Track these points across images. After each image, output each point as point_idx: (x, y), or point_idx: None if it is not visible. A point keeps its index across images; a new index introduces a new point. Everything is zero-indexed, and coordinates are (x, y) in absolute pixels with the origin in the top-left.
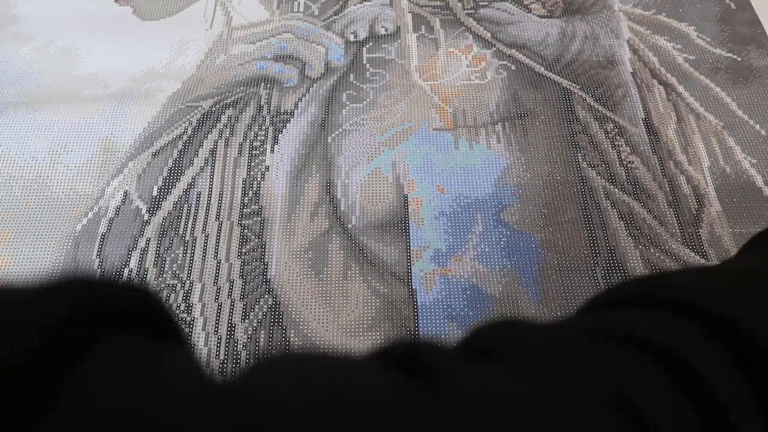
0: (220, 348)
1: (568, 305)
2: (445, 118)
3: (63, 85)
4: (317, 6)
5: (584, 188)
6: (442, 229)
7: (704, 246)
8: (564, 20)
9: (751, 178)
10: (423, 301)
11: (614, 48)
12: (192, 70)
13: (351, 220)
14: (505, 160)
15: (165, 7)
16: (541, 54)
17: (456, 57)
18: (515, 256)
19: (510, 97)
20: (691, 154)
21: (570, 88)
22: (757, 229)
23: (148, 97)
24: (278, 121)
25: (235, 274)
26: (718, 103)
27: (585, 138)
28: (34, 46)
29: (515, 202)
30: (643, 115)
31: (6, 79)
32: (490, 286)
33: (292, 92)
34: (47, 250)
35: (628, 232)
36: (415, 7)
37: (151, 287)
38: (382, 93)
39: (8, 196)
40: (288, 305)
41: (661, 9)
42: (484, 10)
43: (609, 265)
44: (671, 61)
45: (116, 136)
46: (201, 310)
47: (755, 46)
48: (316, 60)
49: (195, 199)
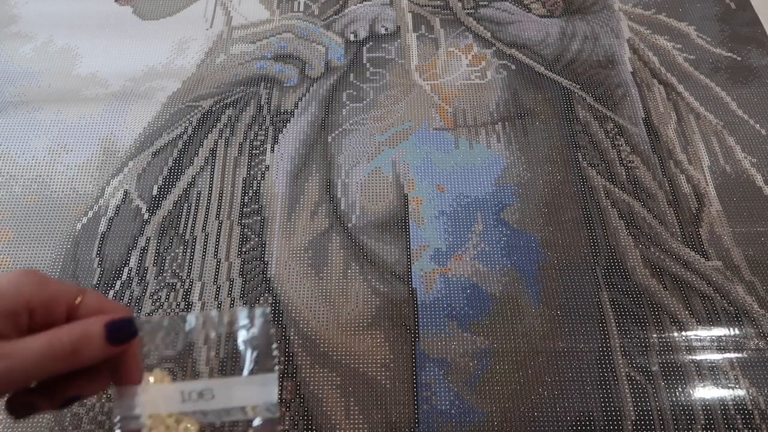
0: (219, 346)
1: (569, 304)
2: (445, 117)
3: (63, 85)
4: (317, 5)
5: (584, 187)
6: (442, 229)
7: (704, 245)
8: (564, 20)
9: (751, 178)
10: (423, 300)
11: (614, 47)
12: (192, 70)
13: (351, 219)
14: (505, 160)
15: (165, 7)
16: (541, 53)
17: (456, 56)
18: (515, 255)
19: (510, 96)
20: (691, 153)
21: (570, 88)
22: (757, 228)
23: (148, 96)
24: (278, 121)
25: (235, 272)
26: (718, 102)
27: (585, 137)
28: (34, 46)
29: (515, 202)
30: (643, 114)
31: (6, 79)
32: (490, 286)
33: (292, 92)
34: (47, 249)
35: (628, 232)
36: (415, 7)
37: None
38: (382, 92)
39: (8, 196)
40: (288, 304)
41: (661, 8)
42: (484, 9)
43: (609, 264)
44: (671, 61)
45: (116, 136)
46: (201, 308)
47: (755, 46)
48: (316, 59)
49: (195, 198)
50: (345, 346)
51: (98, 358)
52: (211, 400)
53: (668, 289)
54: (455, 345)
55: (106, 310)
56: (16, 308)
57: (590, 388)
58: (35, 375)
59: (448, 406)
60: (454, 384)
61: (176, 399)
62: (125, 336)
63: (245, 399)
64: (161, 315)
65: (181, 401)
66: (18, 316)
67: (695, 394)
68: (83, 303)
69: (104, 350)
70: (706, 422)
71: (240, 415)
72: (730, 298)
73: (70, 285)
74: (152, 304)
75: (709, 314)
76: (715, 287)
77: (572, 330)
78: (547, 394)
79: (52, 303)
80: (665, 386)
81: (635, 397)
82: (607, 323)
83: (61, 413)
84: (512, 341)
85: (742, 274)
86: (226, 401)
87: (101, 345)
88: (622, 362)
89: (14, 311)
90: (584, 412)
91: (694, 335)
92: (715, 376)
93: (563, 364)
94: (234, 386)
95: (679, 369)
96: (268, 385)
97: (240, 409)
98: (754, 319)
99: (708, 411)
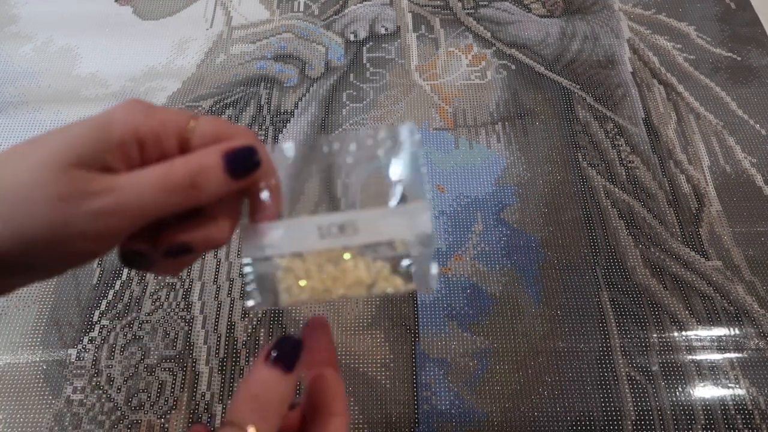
0: (219, 346)
1: (569, 304)
2: (445, 117)
3: (63, 85)
4: (317, 5)
5: (584, 187)
6: (443, 228)
7: (704, 245)
8: (564, 20)
9: (751, 178)
10: (423, 300)
11: (614, 47)
12: (192, 70)
13: None
14: (505, 160)
15: (165, 7)
16: (541, 53)
17: (456, 56)
18: (515, 255)
19: (510, 96)
20: (691, 153)
21: (570, 88)
22: (757, 228)
23: (148, 96)
24: (278, 121)
25: (235, 272)
26: (718, 102)
27: (585, 137)
28: (34, 46)
29: (515, 202)
30: (643, 114)
31: (6, 79)
32: (491, 285)
33: (292, 92)
34: None
35: (628, 232)
36: (415, 7)
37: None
38: (382, 93)
39: None
40: None
41: (661, 8)
42: (484, 9)
43: (609, 264)
44: (671, 61)
45: None
46: (201, 308)
47: (755, 46)
48: (316, 60)
49: None
50: (345, 345)
51: (219, 192)
52: (353, 236)
53: (668, 289)
54: (455, 345)
55: (223, 137)
56: (123, 138)
57: (590, 388)
58: (150, 210)
59: (448, 406)
60: (454, 384)
61: (313, 234)
62: (247, 167)
63: (394, 231)
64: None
65: (320, 237)
66: (127, 147)
67: (695, 393)
68: (198, 130)
69: (224, 183)
70: (706, 422)
71: (388, 252)
72: (730, 298)
73: (181, 111)
74: (152, 304)
75: (709, 314)
76: (715, 287)
77: (572, 330)
78: (547, 394)
79: (161, 131)
80: (665, 386)
81: (635, 397)
82: (607, 323)
83: (61, 414)
84: (512, 341)
85: (742, 274)
86: (371, 235)
87: (220, 177)
88: (622, 362)
89: (122, 141)
90: (584, 412)
91: (694, 335)
92: (715, 375)
93: (563, 364)
94: (380, 218)
95: (679, 369)
96: (419, 214)
97: (388, 245)
98: (754, 319)
99: (708, 411)
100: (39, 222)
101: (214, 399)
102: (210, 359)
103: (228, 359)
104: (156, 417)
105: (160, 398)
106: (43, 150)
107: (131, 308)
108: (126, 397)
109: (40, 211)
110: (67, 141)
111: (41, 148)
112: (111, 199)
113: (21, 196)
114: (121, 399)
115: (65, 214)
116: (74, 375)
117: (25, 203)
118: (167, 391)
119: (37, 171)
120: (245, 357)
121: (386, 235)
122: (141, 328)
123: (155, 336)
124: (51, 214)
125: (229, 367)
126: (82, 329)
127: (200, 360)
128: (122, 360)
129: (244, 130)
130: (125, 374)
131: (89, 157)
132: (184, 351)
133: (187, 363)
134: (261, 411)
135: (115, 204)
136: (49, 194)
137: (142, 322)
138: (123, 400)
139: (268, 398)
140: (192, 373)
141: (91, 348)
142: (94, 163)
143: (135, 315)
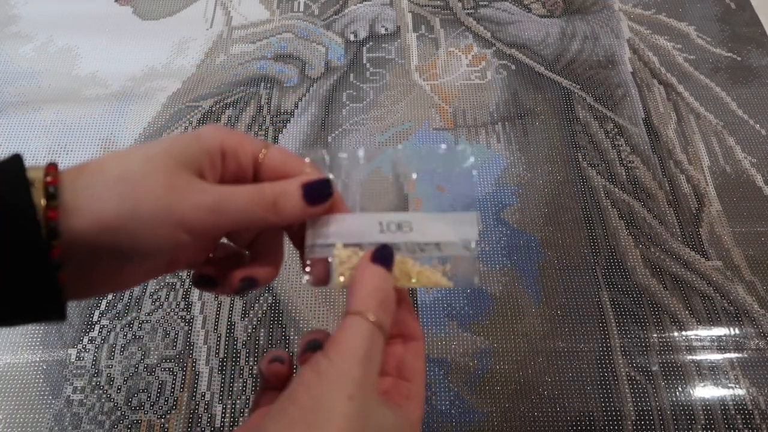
0: (219, 346)
1: (569, 304)
2: (445, 117)
3: (63, 85)
4: (317, 5)
5: (584, 187)
6: None
7: (704, 245)
8: (564, 20)
9: (751, 178)
10: (423, 300)
11: (614, 48)
12: (192, 70)
13: None
14: (505, 160)
15: (165, 7)
16: (541, 53)
17: (456, 57)
18: (515, 255)
19: (510, 96)
20: (691, 153)
21: (570, 88)
22: (757, 228)
23: (149, 96)
24: (278, 121)
25: None
26: (718, 102)
27: (585, 137)
28: (34, 46)
29: (515, 202)
30: (643, 114)
31: (6, 79)
32: (491, 285)
33: (292, 92)
34: None
35: (628, 232)
36: (415, 7)
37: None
38: (382, 93)
39: None
40: (287, 303)
41: (661, 8)
42: (484, 9)
43: (609, 264)
44: (671, 61)
45: (116, 136)
46: (201, 308)
47: (755, 46)
48: (316, 60)
49: None
50: None
51: (296, 215)
52: (408, 233)
53: (668, 289)
54: (455, 345)
55: (289, 164)
56: (211, 147)
57: (590, 388)
58: (240, 216)
59: (448, 406)
60: (454, 384)
61: (374, 229)
62: (321, 196)
63: (442, 234)
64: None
65: (379, 231)
66: (214, 157)
67: (695, 393)
68: (268, 157)
69: (301, 209)
70: (706, 422)
71: (434, 251)
72: (730, 298)
73: (255, 138)
74: (152, 304)
75: (709, 314)
76: (715, 287)
77: (572, 330)
78: (547, 394)
79: (240, 148)
80: (665, 386)
81: (635, 397)
82: (607, 323)
83: (61, 414)
84: (512, 341)
85: (742, 274)
86: (422, 235)
87: (299, 203)
88: (622, 362)
89: (212, 150)
90: (584, 412)
91: (694, 335)
92: (715, 375)
93: (563, 364)
94: (433, 221)
95: (679, 369)
96: (467, 223)
97: (435, 245)
98: (754, 319)
99: (708, 411)
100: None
101: (214, 399)
102: (210, 359)
103: (228, 359)
104: (156, 417)
105: (160, 398)
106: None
107: (131, 308)
108: (126, 397)
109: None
110: (169, 146)
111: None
112: (213, 197)
113: (140, 181)
114: (121, 399)
115: (172, 201)
116: (74, 375)
117: (142, 186)
118: (167, 391)
119: (151, 165)
120: (245, 357)
121: (434, 237)
122: (141, 328)
123: (155, 336)
124: (161, 198)
125: (229, 367)
126: (82, 329)
127: (200, 360)
128: (122, 360)
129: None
130: (125, 374)
131: (186, 160)
132: (184, 351)
133: (187, 363)
134: (384, 304)
135: (217, 201)
136: (160, 182)
137: (142, 321)
138: (123, 400)
139: (387, 292)
140: (192, 373)
141: (91, 348)
142: (190, 166)
143: (135, 315)
